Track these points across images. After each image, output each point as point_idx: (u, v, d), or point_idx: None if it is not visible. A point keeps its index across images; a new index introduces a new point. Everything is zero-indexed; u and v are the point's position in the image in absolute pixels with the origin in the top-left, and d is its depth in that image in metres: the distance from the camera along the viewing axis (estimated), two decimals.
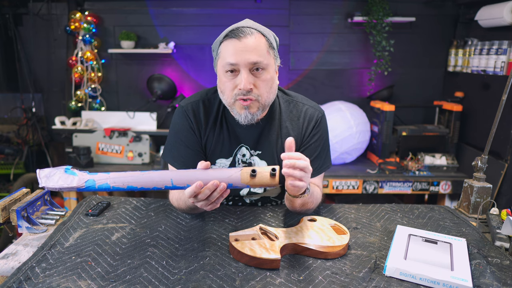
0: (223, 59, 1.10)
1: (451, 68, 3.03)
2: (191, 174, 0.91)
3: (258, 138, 1.24)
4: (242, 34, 1.08)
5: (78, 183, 0.89)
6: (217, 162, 1.27)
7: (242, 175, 0.90)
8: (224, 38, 1.11)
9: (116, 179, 0.89)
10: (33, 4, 3.04)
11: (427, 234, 1.07)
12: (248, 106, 1.12)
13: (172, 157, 1.24)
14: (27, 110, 3.17)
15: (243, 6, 3.08)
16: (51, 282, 0.84)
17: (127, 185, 0.90)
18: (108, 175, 0.90)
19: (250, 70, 1.10)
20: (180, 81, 3.22)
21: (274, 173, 0.89)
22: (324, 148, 1.27)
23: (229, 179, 0.90)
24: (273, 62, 1.15)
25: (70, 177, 0.90)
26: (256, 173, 0.89)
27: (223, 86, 1.14)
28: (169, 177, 0.90)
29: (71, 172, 0.90)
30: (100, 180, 0.90)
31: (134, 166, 2.87)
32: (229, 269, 0.92)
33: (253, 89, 1.10)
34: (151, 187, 0.91)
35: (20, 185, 2.84)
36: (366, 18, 2.91)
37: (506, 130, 2.37)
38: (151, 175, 0.91)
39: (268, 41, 1.13)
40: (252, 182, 0.90)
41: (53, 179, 0.89)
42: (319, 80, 3.22)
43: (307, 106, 1.27)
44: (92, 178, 0.90)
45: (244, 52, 1.07)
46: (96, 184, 0.89)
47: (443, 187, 2.71)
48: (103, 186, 0.89)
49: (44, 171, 0.90)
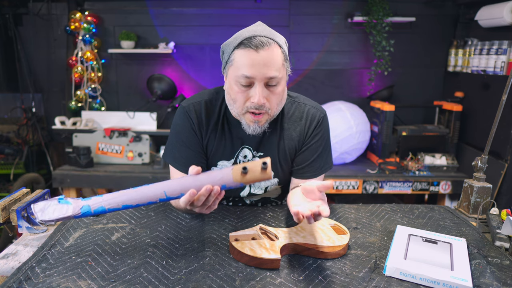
0: (238, 69, 1.07)
1: (451, 68, 3.03)
2: (183, 183, 0.89)
3: (260, 139, 1.24)
4: (261, 46, 1.04)
5: (73, 212, 0.89)
6: (219, 164, 1.26)
7: (234, 174, 0.88)
8: (240, 46, 1.06)
9: (111, 201, 0.89)
10: (33, 4, 3.05)
11: (427, 234, 1.07)
12: (259, 121, 1.12)
13: (173, 157, 1.24)
14: (27, 110, 3.17)
15: (243, 6, 3.08)
16: (51, 282, 0.84)
17: (122, 204, 0.90)
18: (102, 198, 0.90)
19: (265, 84, 1.08)
20: (180, 81, 3.22)
21: (265, 167, 0.86)
22: (325, 148, 1.27)
23: (221, 181, 0.88)
24: (286, 74, 1.14)
25: (64, 207, 0.90)
26: (247, 170, 0.86)
27: (234, 96, 1.12)
28: (162, 189, 0.89)
29: (65, 202, 0.90)
30: (95, 204, 0.90)
31: (134, 166, 2.87)
32: (229, 269, 0.92)
33: (265, 103, 1.09)
34: (146, 202, 0.90)
35: (20, 185, 2.84)
36: (366, 18, 2.91)
37: (506, 130, 2.37)
38: (144, 191, 0.90)
39: (284, 52, 1.10)
40: (245, 179, 0.87)
41: (48, 212, 0.90)
42: (319, 80, 3.22)
43: (309, 107, 1.26)
44: (86, 203, 0.90)
45: (262, 66, 1.04)
46: (91, 209, 0.90)
47: (443, 187, 2.71)
48: (99, 210, 0.90)
49: (38, 205, 0.90)
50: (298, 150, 1.26)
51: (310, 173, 1.25)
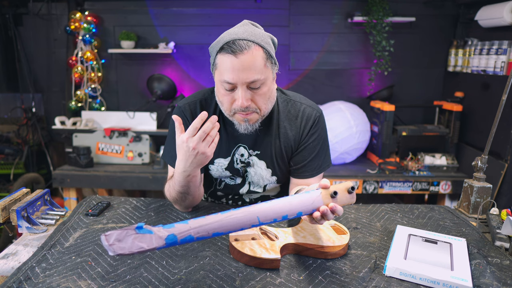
0: (220, 74, 1.08)
1: (451, 68, 3.03)
2: (275, 208, 0.88)
3: (256, 137, 1.25)
4: (239, 50, 1.03)
5: (158, 243, 0.77)
6: (216, 162, 1.27)
7: (324, 198, 0.89)
8: (221, 51, 1.07)
9: (199, 229, 0.80)
10: (33, 4, 3.05)
11: (427, 234, 1.07)
12: (248, 119, 1.13)
13: (171, 157, 1.24)
14: (27, 110, 3.17)
15: (243, 6, 3.08)
16: (51, 282, 0.84)
17: (212, 232, 0.82)
18: (189, 225, 0.80)
19: (247, 87, 1.08)
20: (180, 81, 3.22)
21: (352, 191, 0.89)
22: (323, 147, 1.27)
23: (312, 206, 0.89)
24: (271, 73, 1.13)
25: (147, 237, 0.77)
26: (337, 194, 0.88)
27: (221, 98, 1.14)
28: (255, 215, 0.85)
29: (146, 231, 0.77)
30: (182, 234, 0.79)
31: (134, 166, 2.87)
32: (229, 269, 0.92)
33: (250, 104, 1.10)
34: (238, 229, 0.85)
35: (20, 185, 2.84)
36: (366, 18, 2.91)
37: (506, 130, 2.37)
38: (237, 217, 0.84)
39: (266, 52, 1.08)
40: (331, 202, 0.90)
41: (126, 244, 0.75)
42: (319, 80, 3.22)
43: (304, 106, 1.26)
44: (172, 232, 0.78)
45: (241, 71, 1.04)
46: (178, 239, 0.79)
47: (443, 187, 2.71)
48: (187, 239, 0.80)
49: (111, 237, 0.75)
50: (295, 150, 1.26)
51: (309, 173, 1.26)
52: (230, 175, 1.30)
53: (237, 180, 1.31)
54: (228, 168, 1.27)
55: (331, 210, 0.87)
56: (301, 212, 0.88)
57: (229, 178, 1.31)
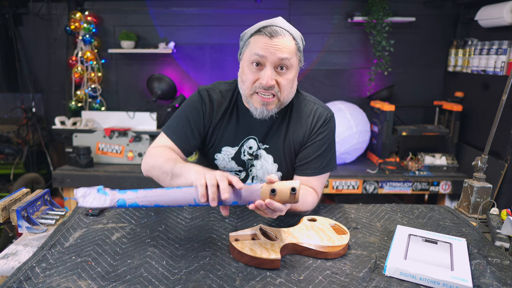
0: (251, 50, 1.13)
1: (451, 68, 3.03)
2: None
3: (267, 131, 1.27)
4: (275, 34, 1.11)
5: (110, 203, 0.95)
6: (223, 150, 1.29)
7: (263, 194, 0.91)
8: (256, 33, 1.13)
9: (144, 199, 0.95)
10: (33, 4, 3.05)
11: (427, 234, 1.07)
12: (267, 103, 1.16)
13: (169, 126, 1.26)
14: (27, 110, 3.17)
15: (243, 6, 3.08)
16: (51, 282, 0.84)
17: (154, 203, 0.95)
18: (137, 195, 0.95)
19: (274, 68, 1.13)
20: (180, 81, 3.22)
21: (294, 193, 0.90)
22: (328, 148, 1.28)
23: (251, 197, 0.91)
24: (297, 65, 1.19)
25: (102, 197, 0.96)
26: (275, 192, 0.90)
27: (245, 77, 1.17)
28: (191, 196, 0.93)
29: (103, 192, 0.96)
30: (130, 199, 0.95)
31: (134, 166, 2.87)
32: (229, 269, 0.92)
33: (274, 85, 1.14)
34: (176, 205, 0.96)
35: (20, 185, 2.84)
36: (366, 18, 2.91)
37: (506, 130, 2.37)
38: (176, 195, 0.94)
39: (297, 44, 1.17)
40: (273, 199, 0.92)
41: (89, 199, 0.96)
42: (319, 80, 3.22)
43: (317, 106, 1.30)
44: (122, 197, 0.96)
45: (274, 49, 1.11)
46: (126, 203, 0.95)
47: (443, 187, 2.71)
48: (133, 205, 0.96)
49: (80, 191, 0.96)
50: (302, 145, 1.28)
51: (311, 171, 1.26)
52: (235, 169, 1.30)
53: (241, 175, 1.32)
54: (234, 158, 1.28)
55: (267, 205, 0.89)
56: (236, 202, 0.92)
57: (234, 172, 1.32)
